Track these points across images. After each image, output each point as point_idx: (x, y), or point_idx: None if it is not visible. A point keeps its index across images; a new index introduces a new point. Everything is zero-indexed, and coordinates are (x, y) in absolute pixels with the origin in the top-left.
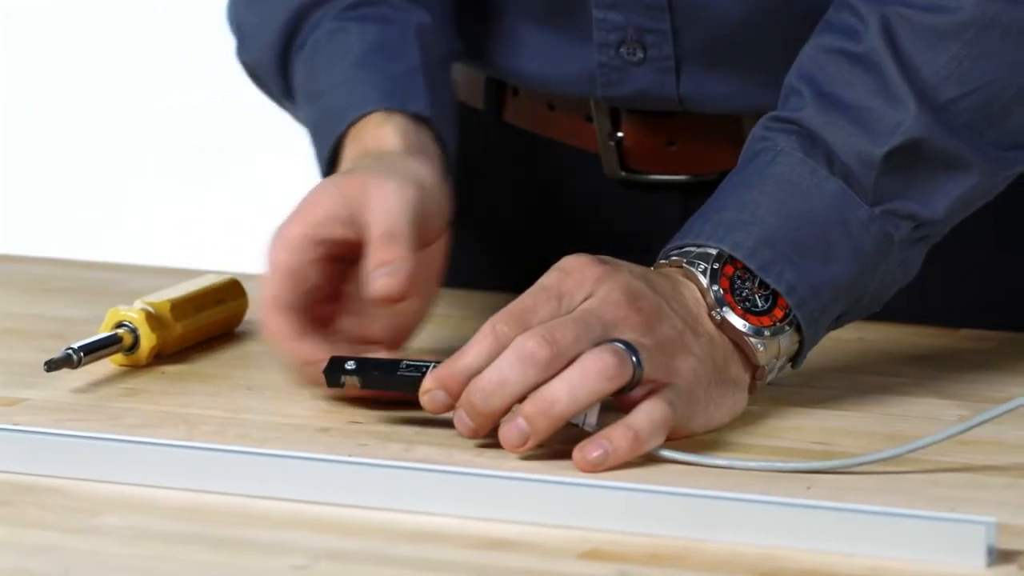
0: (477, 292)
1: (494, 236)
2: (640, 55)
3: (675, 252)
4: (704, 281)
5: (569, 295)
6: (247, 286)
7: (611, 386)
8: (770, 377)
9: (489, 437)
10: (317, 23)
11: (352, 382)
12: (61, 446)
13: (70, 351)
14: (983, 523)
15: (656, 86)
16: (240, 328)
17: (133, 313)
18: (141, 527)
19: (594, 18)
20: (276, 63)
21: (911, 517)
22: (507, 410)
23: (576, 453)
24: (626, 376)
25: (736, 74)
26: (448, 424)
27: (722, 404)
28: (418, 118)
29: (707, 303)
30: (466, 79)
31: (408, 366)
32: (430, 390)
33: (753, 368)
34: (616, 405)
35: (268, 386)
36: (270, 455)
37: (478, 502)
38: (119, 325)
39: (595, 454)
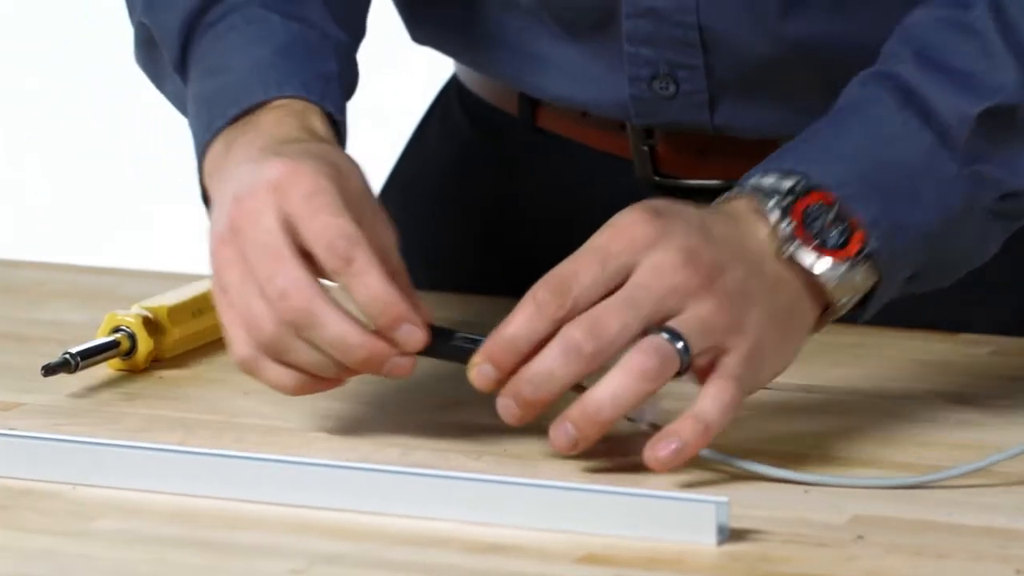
0: (506, 299)
1: (525, 241)
2: (672, 89)
3: (749, 186)
4: (775, 216)
5: (616, 257)
6: None
7: (654, 386)
8: (840, 313)
9: (486, 441)
10: (236, 6)
11: None
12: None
13: (68, 356)
14: (714, 502)
15: (690, 117)
16: None
17: (130, 318)
18: (137, 531)
19: (626, 53)
20: (180, 31)
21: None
22: (555, 400)
23: (646, 452)
24: (669, 372)
25: (771, 106)
26: (445, 428)
27: (787, 348)
28: (331, 120)
29: (776, 239)
30: (500, 85)
31: (462, 337)
32: (478, 364)
33: (824, 304)
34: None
35: (265, 391)
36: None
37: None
38: (116, 330)
39: (666, 452)
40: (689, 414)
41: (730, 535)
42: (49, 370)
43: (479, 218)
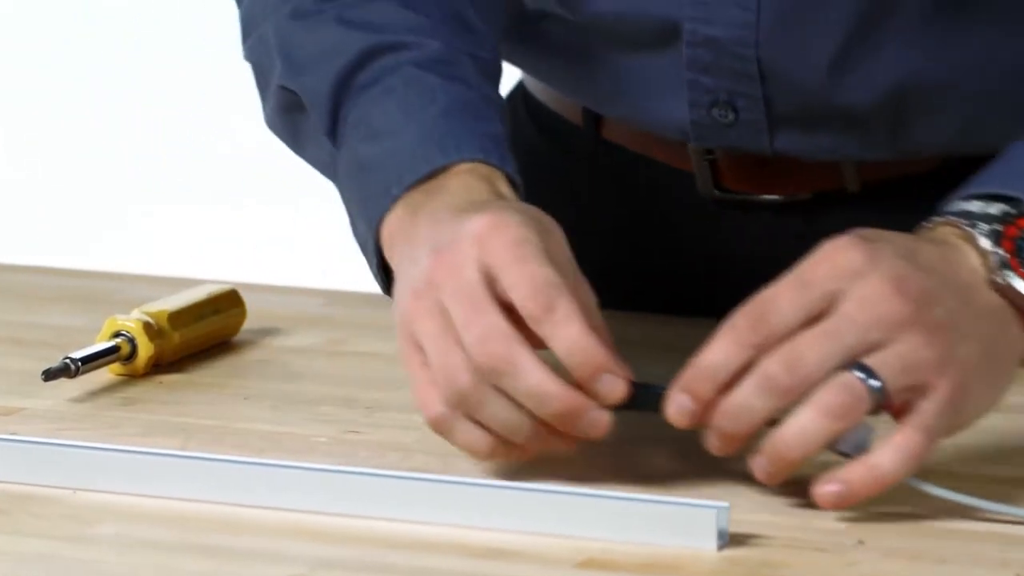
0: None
1: (589, 251)
2: (732, 117)
3: (954, 212)
4: (985, 244)
5: (819, 284)
6: (245, 296)
7: (843, 425)
8: None
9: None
10: (390, 68)
11: None
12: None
13: (68, 360)
14: (714, 507)
15: (749, 143)
16: (238, 338)
17: (131, 322)
18: (137, 536)
19: (686, 79)
20: (330, 95)
21: (646, 501)
22: (753, 432)
23: (814, 484)
24: (860, 412)
25: (832, 134)
26: None
27: (996, 382)
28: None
29: (988, 268)
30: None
31: (660, 387)
32: (674, 395)
33: None
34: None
35: (265, 396)
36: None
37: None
38: (117, 334)
39: (829, 493)
40: (865, 461)
41: (730, 540)
42: (49, 375)
43: None
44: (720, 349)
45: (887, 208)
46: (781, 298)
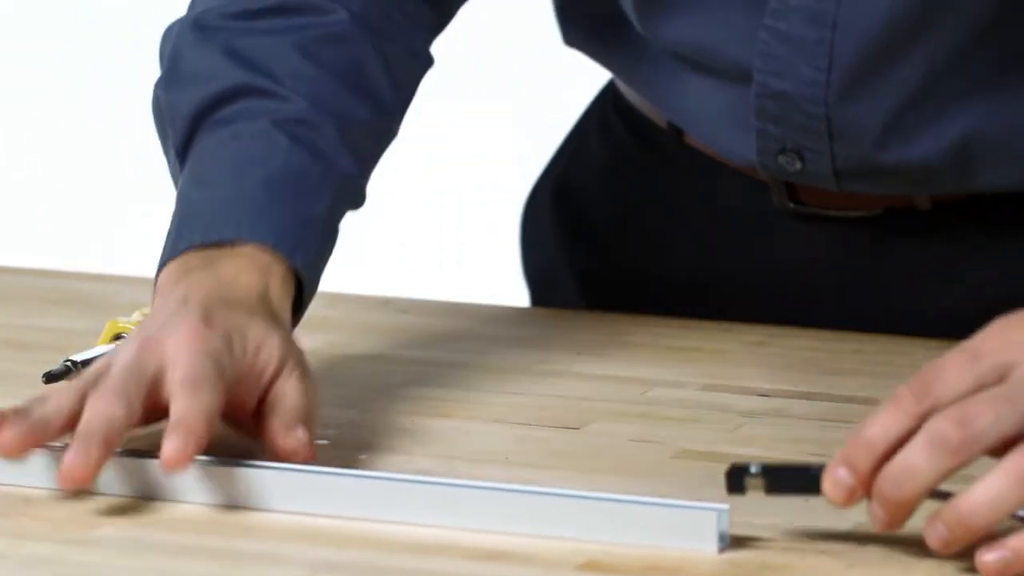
0: (654, 317)
1: (659, 257)
2: (799, 165)
3: None
4: None
5: (989, 356)
6: None
7: None
8: None
9: (489, 448)
10: (249, 113)
11: (755, 485)
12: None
13: (69, 363)
14: (715, 510)
15: (817, 184)
16: None
17: (132, 325)
18: (139, 539)
19: (755, 127)
20: (189, 120)
21: (646, 504)
22: (921, 499)
23: (977, 553)
24: None
25: (897, 182)
26: (447, 435)
27: None
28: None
29: None
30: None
31: (817, 468)
32: (832, 469)
33: None
34: None
35: None
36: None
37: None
38: (117, 337)
39: (991, 559)
40: None
41: (731, 542)
42: (51, 378)
43: (629, 230)
44: (881, 420)
45: (957, 224)
46: (949, 368)
